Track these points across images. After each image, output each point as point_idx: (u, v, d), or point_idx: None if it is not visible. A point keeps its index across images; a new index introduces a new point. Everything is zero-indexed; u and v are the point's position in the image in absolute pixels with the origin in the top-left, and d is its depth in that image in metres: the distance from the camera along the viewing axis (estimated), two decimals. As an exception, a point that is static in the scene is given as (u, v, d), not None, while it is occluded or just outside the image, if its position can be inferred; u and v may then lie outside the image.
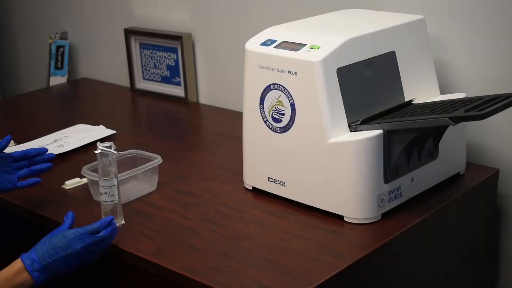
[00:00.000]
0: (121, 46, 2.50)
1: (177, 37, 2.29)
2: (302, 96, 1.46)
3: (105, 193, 1.47)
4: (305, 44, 1.47)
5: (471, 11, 1.71)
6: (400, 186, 1.50)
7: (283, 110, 1.50)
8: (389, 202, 1.48)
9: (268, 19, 2.01)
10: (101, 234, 1.37)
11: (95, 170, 1.63)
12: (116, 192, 1.47)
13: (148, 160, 1.66)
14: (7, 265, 1.34)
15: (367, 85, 1.51)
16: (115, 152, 1.45)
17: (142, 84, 2.47)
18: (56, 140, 1.97)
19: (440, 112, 1.41)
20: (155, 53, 2.40)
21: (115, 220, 1.45)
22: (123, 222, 1.50)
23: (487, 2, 1.68)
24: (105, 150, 1.45)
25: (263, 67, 1.52)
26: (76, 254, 1.35)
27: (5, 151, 1.90)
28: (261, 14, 2.12)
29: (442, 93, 1.71)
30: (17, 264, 1.33)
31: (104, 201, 1.48)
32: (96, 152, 1.45)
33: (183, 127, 2.20)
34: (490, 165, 1.74)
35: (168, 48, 2.35)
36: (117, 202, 1.48)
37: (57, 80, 2.69)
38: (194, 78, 2.34)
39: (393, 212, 1.49)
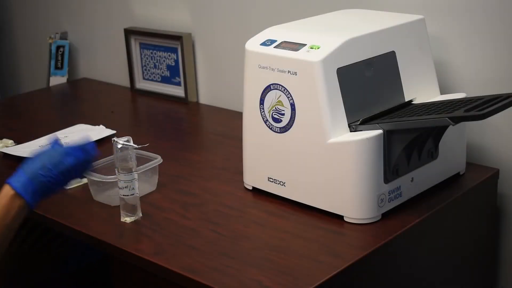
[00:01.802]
0: (121, 46, 2.50)
1: (177, 37, 2.29)
2: (302, 96, 1.46)
3: (126, 187, 1.49)
4: (305, 44, 1.47)
5: (471, 11, 1.71)
6: (400, 186, 1.50)
7: (283, 110, 1.50)
8: (389, 202, 1.48)
9: (268, 19, 2.01)
10: (91, 151, 1.33)
11: (95, 170, 1.63)
12: (136, 186, 1.50)
13: (148, 160, 1.66)
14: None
15: (367, 85, 1.51)
16: (135, 145, 1.48)
17: (142, 84, 2.47)
18: (56, 140, 1.97)
19: (440, 112, 1.41)
20: (155, 53, 2.40)
21: (135, 213, 1.50)
22: (141, 215, 1.53)
23: (487, 2, 1.68)
24: (125, 145, 1.47)
25: (263, 67, 1.52)
26: (68, 169, 1.29)
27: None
28: (261, 14, 2.12)
29: (442, 93, 1.71)
30: (5, 193, 1.21)
31: (125, 195, 1.50)
32: (118, 147, 1.47)
33: (183, 127, 2.20)
34: (490, 165, 1.74)
35: (168, 48, 2.35)
36: (138, 195, 1.51)
37: (57, 80, 2.69)
38: (194, 78, 2.34)
39: (393, 212, 1.49)
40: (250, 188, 1.64)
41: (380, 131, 1.43)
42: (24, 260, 1.83)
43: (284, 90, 1.49)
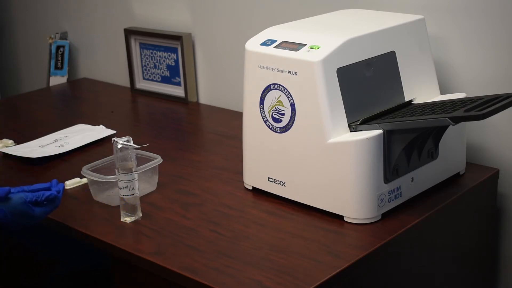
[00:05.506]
0: (121, 46, 2.50)
1: (177, 37, 2.29)
2: (302, 96, 1.46)
3: (126, 187, 1.49)
4: (305, 44, 1.47)
5: (471, 11, 1.71)
6: (400, 186, 1.50)
7: (283, 110, 1.50)
8: (389, 202, 1.48)
9: (268, 19, 2.01)
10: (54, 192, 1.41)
11: (95, 170, 1.63)
12: (136, 186, 1.49)
13: (148, 160, 1.66)
14: None
15: (367, 85, 1.51)
16: (135, 145, 1.48)
17: (142, 84, 2.47)
18: (56, 140, 1.97)
19: (440, 112, 1.41)
20: (155, 53, 2.40)
21: (135, 213, 1.51)
22: (141, 215, 1.53)
23: (487, 2, 1.68)
24: (125, 145, 1.47)
25: (263, 67, 1.52)
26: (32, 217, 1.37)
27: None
28: (261, 14, 2.12)
29: (442, 93, 1.71)
30: None
31: (125, 195, 1.50)
32: (118, 147, 1.46)
33: (183, 127, 2.20)
34: (490, 165, 1.74)
35: (168, 48, 2.35)
36: (138, 195, 1.51)
37: (57, 80, 2.69)
38: (194, 78, 2.34)
39: (393, 212, 1.49)
40: (250, 188, 1.64)
41: (380, 131, 1.43)
42: (22, 260, 1.83)
43: (284, 90, 1.49)
